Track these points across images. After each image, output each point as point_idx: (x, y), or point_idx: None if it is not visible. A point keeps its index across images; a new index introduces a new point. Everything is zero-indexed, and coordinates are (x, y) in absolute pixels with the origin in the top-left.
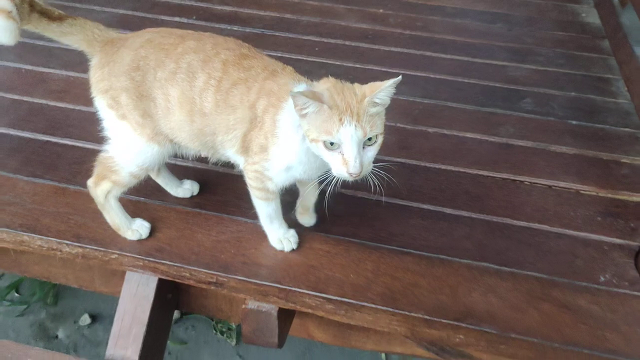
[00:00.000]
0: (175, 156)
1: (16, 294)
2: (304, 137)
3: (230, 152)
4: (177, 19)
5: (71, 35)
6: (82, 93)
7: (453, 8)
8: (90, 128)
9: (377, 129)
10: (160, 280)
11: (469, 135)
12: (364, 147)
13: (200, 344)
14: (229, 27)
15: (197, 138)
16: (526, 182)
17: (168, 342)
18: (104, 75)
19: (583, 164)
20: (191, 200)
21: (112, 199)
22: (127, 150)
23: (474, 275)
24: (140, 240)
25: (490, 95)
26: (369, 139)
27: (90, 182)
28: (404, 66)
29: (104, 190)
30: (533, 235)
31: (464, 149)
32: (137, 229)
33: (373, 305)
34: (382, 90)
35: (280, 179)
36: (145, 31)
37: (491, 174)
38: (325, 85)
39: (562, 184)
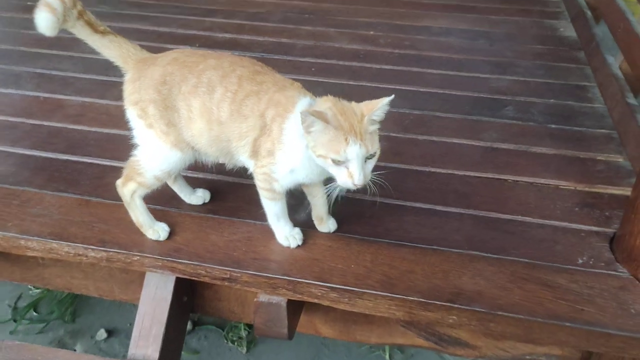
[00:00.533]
0: (196, 165)
1: (35, 313)
2: (307, 145)
3: (243, 157)
4: (181, 47)
5: (109, 50)
6: (97, 116)
7: (438, 28)
8: (107, 146)
9: (376, 145)
10: (177, 282)
11: (456, 141)
12: (365, 161)
13: (212, 354)
14: (230, 52)
15: (215, 144)
16: (510, 180)
17: (182, 352)
18: (135, 89)
19: (562, 163)
20: (204, 207)
21: (137, 198)
22: (152, 155)
23: (463, 261)
24: (159, 242)
25: (475, 104)
26: (370, 154)
27: (118, 182)
28: (394, 82)
29: (130, 190)
30: (517, 226)
31: (452, 154)
32: (157, 229)
33: (373, 292)
34: (379, 109)
35: (285, 180)
36: (172, 51)
37: (477, 174)
38: (327, 104)
39: (543, 181)
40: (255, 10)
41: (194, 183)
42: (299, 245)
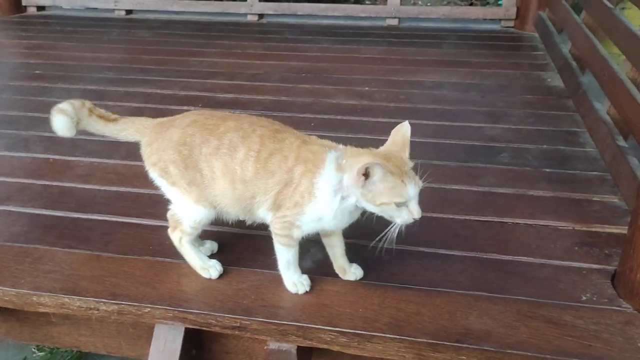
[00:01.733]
0: (217, 222)
1: None
2: (342, 199)
3: (262, 210)
4: (185, 107)
5: (126, 131)
6: (106, 176)
7: (431, 82)
8: (116, 204)
9: (419, 179)
10: (185, 335)
11: (454, 187)
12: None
13: None
14: (232, 111)
15: (238, 203)
16: (509, 223)
17: None
18: (153, 151)
19: (559, 204)
20: (212, 258)
21: (186, 243)
22: (181, 209)
23: (469, 302)
24: (170, 293)
25: (471, 152)
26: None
27: (169, 230)
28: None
29: (177, 237)
30: (519, 266)
31: (451, 199)
32: (207, 267)
33: (382, 335)
34: (408, 143)
35: (309, 227)
36: (190, 113)
37: (478, 218)
38: (363, 157)
39: (542, 222)
40: (254, 71)
41: (201, 235)
42: (306, 292)
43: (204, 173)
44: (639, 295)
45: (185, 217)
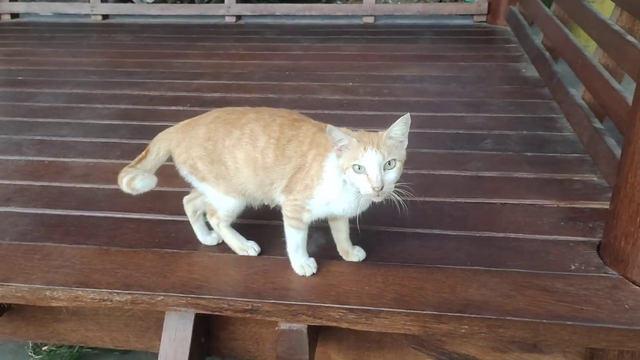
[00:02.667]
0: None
1: None
2: (344, 181)
3: (277, 193)
4: (173, 107)
5: (161, 149)
6: (104, 175)
7: (412, 75)
8: (118, 201)
9: (393, 154)
10: (195, 323)
11: (443, 172)
12: (385, 170)
13: None
14: (234, 108)
15: (260, 188)
16: (498, 203)
17: None
18: (181, 150)
19: (542, 184)
20: (218, 247)
21: (223, 227)
22: (215, 201)
23: (467, 276)
24: (181, 281)
25: (456, 140)
26: (389, 163)
27: (207, 215)
28: (378, 125)
29: (215, 223)
30: (510, 242)
31: (442, 183)
32: (246, 248)
33: (389, 309)
34: (396, 125)
35: (318, 211)
36: (214, 110)
37: (468, 200)
38: (357, 133)
39: (528, 201)
40: (238, 71)
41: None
42: (313, 274)
43: (228, 165)
44: (623, 262)
45: (219, 208)
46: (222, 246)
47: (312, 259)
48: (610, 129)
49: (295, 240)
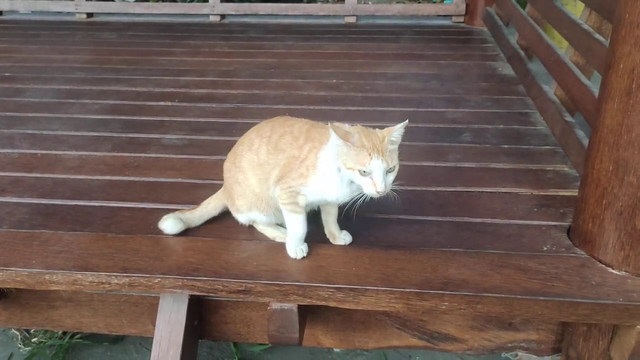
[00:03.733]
0: None
1: None
2: (338, 170)
3: (272, 186)
4: (162, 103)
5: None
6: (97, 167)
7: (393, 73)
8: (112, 191)
9: (394, 161)
10: (189, 306)
11: (424, 163)
12: (386, 174)
13: None
14: (207, 105)
15: (260, 186)
16: (476, 191)
17: None
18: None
19: (517, 174)
20: (212, 233)
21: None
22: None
23: (447, 257)
24: (177, 264)
25: (436, 133)
26: (390, 168)
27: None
28: (362, 120)
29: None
30: (487, 226)
31: (423, 174)
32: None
33: (375, 288)
34: (396, 131)
35: (312, 197)
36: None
37: (447, 188)
38: (357, 129)
39: (504, 190)
40: (224, 68)
41: None
42: (304, 257)
43: (246, 181)
44: (590, 243)
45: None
46: (215, 232)
47: (305, 244)
48: (581, 122)
49: (295, 226)
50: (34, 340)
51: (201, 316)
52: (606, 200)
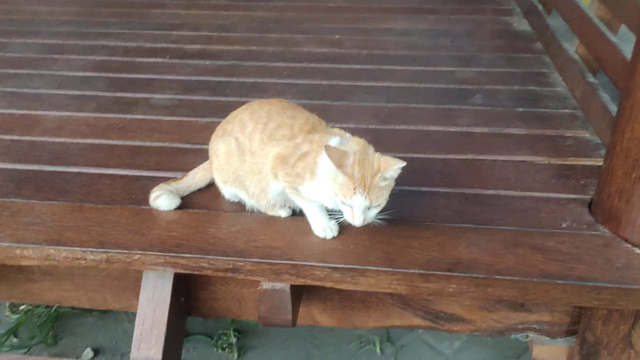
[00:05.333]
0: None
1: (15, 339)
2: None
3: (267, 171)
4: (152, 59)
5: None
6: (77, 128)
7: (400, 29)
8: (92, 155)
9: (381, 199)
10: (174, 283)
11: (433, 128)
12: (369, 208)
13: None
14: (201, 62)
15: (246, 173)
16: (488, 160)
17: None
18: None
19: (534, 141)
20: (198, 204)
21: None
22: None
23: (456, 233)
24: (159, 240)
25: (445, 95)
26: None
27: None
28: (366, 79)
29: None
30: (501, 199)
31: (431, 140)
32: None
33: (375, 268)
34: (392, 170)
35: (310, 196)
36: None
37: (457, 156)
38: (355, 148)
39: (519, 158)
40: (220, 22)
41: None
42: (334, 237)
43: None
44: (615, 220)
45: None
46: (202, 203)
47: (334, 221)
48: (604, 83)
49: (307, 207)
50: (21, 307)
51: (188, 292)
52: (637, 173)
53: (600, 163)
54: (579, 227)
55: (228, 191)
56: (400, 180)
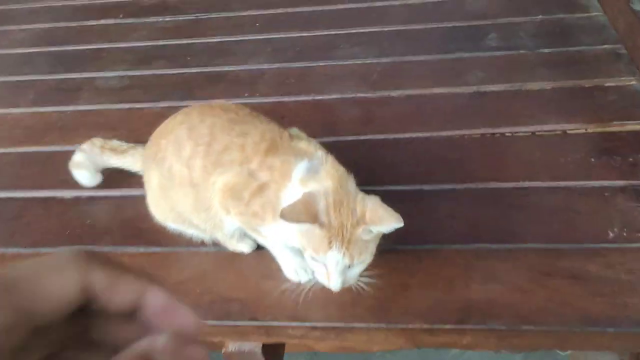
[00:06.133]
0: None
1: None
2: None
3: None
4: (102, 21)
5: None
6: (11, 133)
7: None
8: (24, 173)
9: (365, 254)
10: None
11: (435, 90)
12: (349, 267)
13: None
14: (160, 19)
15: (192, 209)
16: (506, 134)
17: None
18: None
19: (564, 98)
20: (141, 239)
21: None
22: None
23: (468, 261)
24: None
25: (451, 38)
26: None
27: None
28: (355, 24)
29: None
30: (524, 195)
31: (432, 109)
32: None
33: (364, 325)
34: (383, 225)
35: (275, 239)
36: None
37: (466, 132)
38: (327, 184)
39: (546, 127)
40: None
41: None
42: (310, 280)
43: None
44: None
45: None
46: (146, 238)
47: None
48: None
49: (274, 247)
50: None
51: None
52: None
53: None
54: (632, 236)
55: (171, 227)
56: (395, 176)
